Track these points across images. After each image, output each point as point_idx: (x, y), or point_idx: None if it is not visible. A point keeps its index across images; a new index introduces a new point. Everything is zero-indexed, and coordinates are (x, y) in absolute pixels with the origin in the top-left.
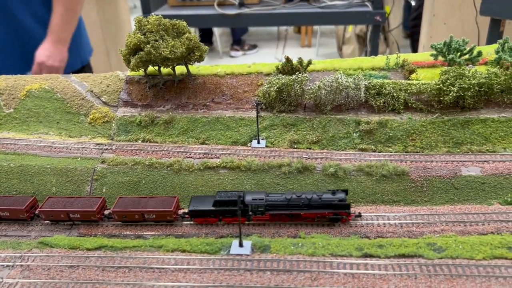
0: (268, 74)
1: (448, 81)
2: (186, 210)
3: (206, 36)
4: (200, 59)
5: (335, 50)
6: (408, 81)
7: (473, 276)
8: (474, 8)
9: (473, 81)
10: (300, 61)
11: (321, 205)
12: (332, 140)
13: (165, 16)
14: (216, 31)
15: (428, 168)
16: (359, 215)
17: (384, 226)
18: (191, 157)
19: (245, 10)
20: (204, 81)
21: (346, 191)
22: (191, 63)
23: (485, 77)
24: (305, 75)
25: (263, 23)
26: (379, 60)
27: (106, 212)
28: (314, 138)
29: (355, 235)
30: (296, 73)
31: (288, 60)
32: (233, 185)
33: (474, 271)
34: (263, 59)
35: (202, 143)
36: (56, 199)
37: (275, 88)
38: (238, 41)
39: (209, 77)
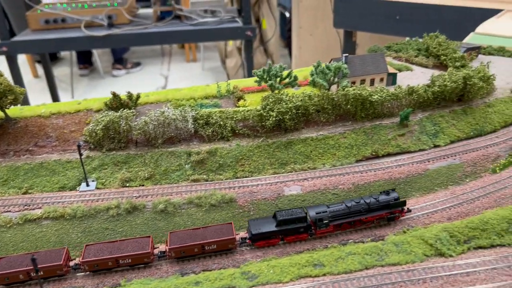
0: (98, 111)
1: (267, 106)
2: (244, 235)
3: (85, 57)
4: (15, 102)
5: (220, 64)
6: (235, 109)
7: None
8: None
9: (290, 105)
10: (130, 95)
11: (379, 207)
12: (165, 174)
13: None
14: (95, 51)
15: (254, 192)
16: (410, 210)
17: (210, 258)
18: (9, 211)
19: (115, 31)
20: (26, 124)
21: (394, 189)
22: (6, 107)
23: (301, 100)
24: (130, 110)
25: (135, 43)
26: (212, 88)
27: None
28: (147, 174)
29: (179, 273)
30: (121, 110)
31: (115, 95)
32: (57, 236)
33: None
34: (148, 76)
35: (25, 193)
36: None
37: (101, 126)
38: (120, 60)
39: (32, 119)
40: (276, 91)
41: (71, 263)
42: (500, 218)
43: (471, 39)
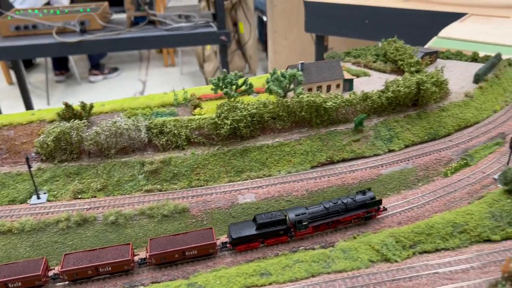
0: (52, 121)
1: (222, 114)
2: (224, 240)
3: (61, 63)
4: None
5: (198, 68)
6: (190, 117)
7: None
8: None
9: (244, 113)
10: (83, 105)
11: (357, 207)
12: (118, 185)
13: None
14: (72, 56)
15: (208, 201)
16: (385, 209)
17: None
18: None
19: (88, 37)
20: None
21: (369, 189)
22: None
23: (256, 108)
24: (82, 121)
25: (108, 49)
26: (170, 96)
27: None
28: (99, 185)
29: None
30: (72, 121)
31: (67, 106)
32: (4, 251)
33: None
34: (126, 81)
35: None
36: None
37: (51, 137)
38: (96, 65)
39: None
40: (232, 99)
41: (50, 273)
42: (445, 222)
43: (434, 43)
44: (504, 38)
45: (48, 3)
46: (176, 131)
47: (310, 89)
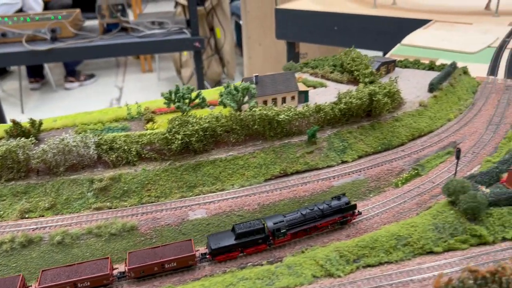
0: (0, 139)
1: (173, 129)
2: (204, 251)
3: (36, 70)
4: None
5: (175, 74)
6: (141, 132)
7: None
8: None
9: (196, 127)
10: (32, 122)
11: (332, 212)
12: (67, 203)
13: None
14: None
15: (158, 219)
16: (360, 213)
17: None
18: None
19: (59, 45)
20: None
21: (344, 194)
22: None
23: (208, 122)
24: (28, 139)
25: (80, 57)
26: (124, 110)
27: None
28: (47, 204)
29: None
30: (18, 139)
31: (15, 123)
32: None
33: None
34: (103, 88)
35: None
36: None
37: None
38: (72, 72)
39: None
40: (184, 113)
41: None
42: (389, 235)
43: (397, 50)
44: (465, 45)
45: (20, 10)
46: (126, 147)
47: (265, 102)
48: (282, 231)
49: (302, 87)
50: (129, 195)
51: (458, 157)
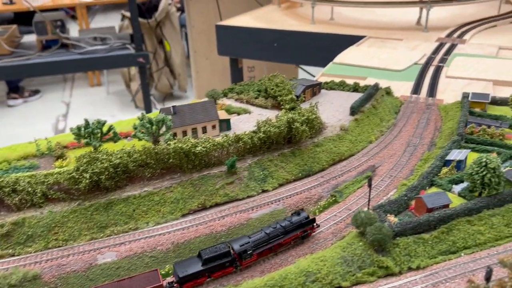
0: None
1: (81, 168)
2: (171, 280)
3: None
4: None
5: (125, 87)
6: (47, 172)
7: None
8: None
9: (106, 164)
10: None
11: (294, 228)
12: None
13: None
14: None
15: (63, 265)
16: (318, 225)
17: None
18: None
19: None
20: None
21: (302, 209)
22: None
23: (120, 157)
24: None
25: (16, 75)
26: (33, 146)
27: None
28: None
29: None
30: None
31: None
32: None
33: None
34: (48, 104)
35: None
36: None
37: None
38: (15, 88)
39: None
40: (93, 150)
41: None
42: (299, 271)
43: (329, 69)
44: (393, 63)
45: None
46: (30, 189)
47: (184, 132)
48: (249, 252)
49: (223, 115)
50: (34, 240)
51: (370, 185)
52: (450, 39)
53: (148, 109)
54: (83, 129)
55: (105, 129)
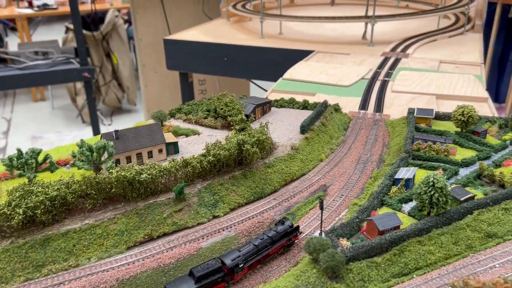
0: None
1: (13, 202)
2: None
3: None
4: None
5: (70, 102)
6: None
7: None
8: None
9: (41, 197)
10: None
11: (280, 237)
12: None
13: None
14: None
15: None
16: (301, 232)
17: None
18: None
19: None
20: None
21: (285, 218)
22: None
23: (57, 189)
24: None
25: None
26: None
27: None
28: None
29: None
30: None
31: None
32: None
33: None
34: None
35: None
36: None
37: None
38: None
39: None
40: (28, 181)
41: None
42: None
43: (278, 85)
44: (341, 78)
45: None
46: None
47: (128, 158)
48: (240, 265)
49: (170, 138)
50: None
51: (322, 208)
52: (394, 53)
53: (95, 124)
54: (15, 159)
55: (40, 158)
